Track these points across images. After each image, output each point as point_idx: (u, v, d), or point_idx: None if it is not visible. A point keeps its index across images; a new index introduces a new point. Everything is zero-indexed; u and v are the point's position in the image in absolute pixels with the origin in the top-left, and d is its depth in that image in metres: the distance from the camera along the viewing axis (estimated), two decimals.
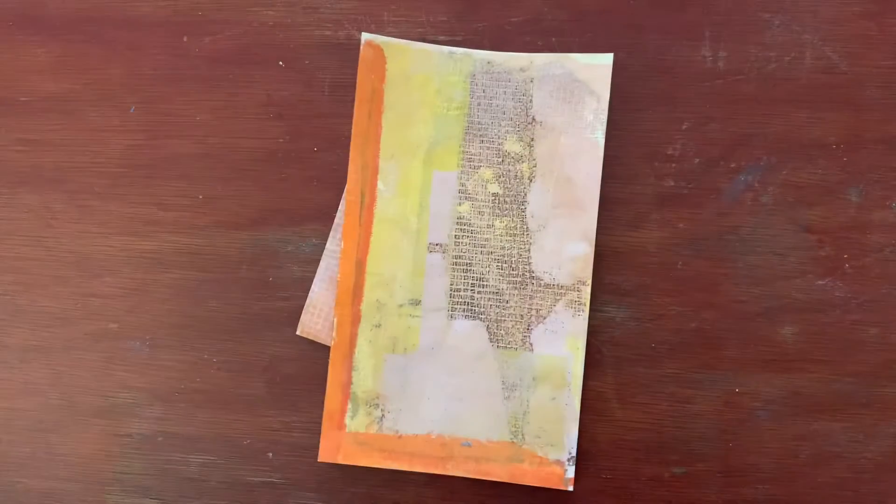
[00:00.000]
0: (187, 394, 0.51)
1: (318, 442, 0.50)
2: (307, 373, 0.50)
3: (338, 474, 0.50)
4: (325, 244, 0.50)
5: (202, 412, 0.50)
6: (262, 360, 0.50)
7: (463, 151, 0.50)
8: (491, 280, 0.50)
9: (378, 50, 0.50)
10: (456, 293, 0.50)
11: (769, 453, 0.49)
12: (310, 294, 0.50)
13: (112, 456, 0.51)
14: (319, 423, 0.50)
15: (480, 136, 0.50)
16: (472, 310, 0.49)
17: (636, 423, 0.49)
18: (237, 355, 0.50)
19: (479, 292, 0.50)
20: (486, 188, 0.50)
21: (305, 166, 0.50)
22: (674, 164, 0.49)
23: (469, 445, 0.49)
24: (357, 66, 0.50)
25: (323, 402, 0.50)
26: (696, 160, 0.49)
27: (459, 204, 0.50)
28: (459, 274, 0.50)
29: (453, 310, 0.50)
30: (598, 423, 0.49)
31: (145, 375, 0.51)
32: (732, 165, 0.49)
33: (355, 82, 0.50)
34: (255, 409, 0.50)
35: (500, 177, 0.50)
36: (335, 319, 0.50)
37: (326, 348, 0.50)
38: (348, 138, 0.50)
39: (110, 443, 0.51)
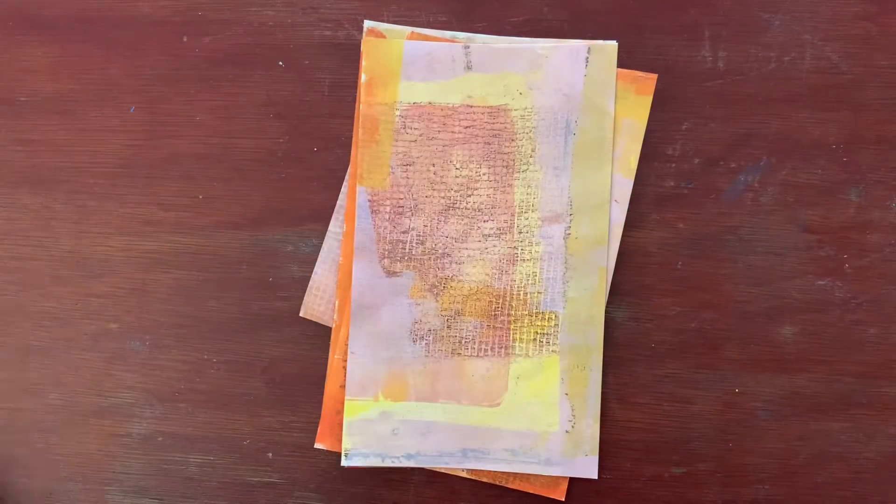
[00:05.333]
0: (187, 394, 0.51)
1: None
2: (307, 373, 0.50)
3: (338, 474, 0.50)
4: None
5: (202, 412, 0.50)
6: (262, 360, 0.50)
7: None
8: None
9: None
10: None
11: (769, 453, 0.49)
12: (312, 276, 0.50)
13: (112, 456, 0.51)
14: (319, 424, 0.50)
15: None
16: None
17: (636, 423, 0.49)
18: (237, 355, 0.50)
19: None
20: None
21: (305, 166, 0.50)
22: (674, 164, 0.49)
23: None
24: (357, 65, 0.50)
25: (322, 403, 0.50)
26: (696, 160, 0.49)
27: None
28: None
29: None
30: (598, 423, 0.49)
31: (145, 375, 0.51)
32: (732, 165, 0.49)
33: (355, 82, 0.50)
34: (254, 409, 0.50)
35: None
36: (336, 301, 0.49)
37: (326, 349, 0.50)
38: (348, 138, 0.50)
39: (110, 443, 0.51)
